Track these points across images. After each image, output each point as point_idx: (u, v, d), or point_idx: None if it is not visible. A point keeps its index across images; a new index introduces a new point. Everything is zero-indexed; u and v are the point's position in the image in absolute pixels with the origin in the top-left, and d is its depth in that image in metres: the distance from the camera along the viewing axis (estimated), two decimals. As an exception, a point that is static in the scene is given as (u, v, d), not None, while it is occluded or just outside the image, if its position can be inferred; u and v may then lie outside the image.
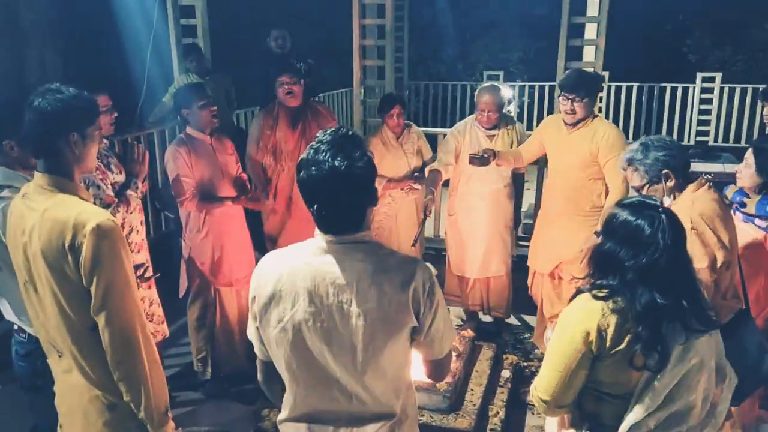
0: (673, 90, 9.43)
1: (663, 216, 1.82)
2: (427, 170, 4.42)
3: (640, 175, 2.51)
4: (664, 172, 2.44)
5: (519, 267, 4.53)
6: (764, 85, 4.33)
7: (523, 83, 10.61)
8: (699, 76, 9.27)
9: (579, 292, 1.92)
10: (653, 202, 1.88)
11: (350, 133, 1.69)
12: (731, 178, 7.63)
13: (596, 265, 1.93)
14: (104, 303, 1.86)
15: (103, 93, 3.25)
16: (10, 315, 2.59)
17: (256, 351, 1.84)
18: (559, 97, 3.74)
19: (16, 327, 2.60)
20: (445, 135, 4.49)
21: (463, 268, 4.49)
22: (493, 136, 4.22)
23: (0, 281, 2.53)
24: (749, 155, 3.10)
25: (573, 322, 1.86)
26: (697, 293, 1.87)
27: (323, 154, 1.60)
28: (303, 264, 1.68)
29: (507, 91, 10.45)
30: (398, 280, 1.64)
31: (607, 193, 3.76)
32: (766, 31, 10.51)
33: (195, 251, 3.90)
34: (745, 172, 3.11)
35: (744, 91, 9.11)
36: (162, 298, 3.59)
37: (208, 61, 5.62)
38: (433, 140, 5.00)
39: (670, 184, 2.46)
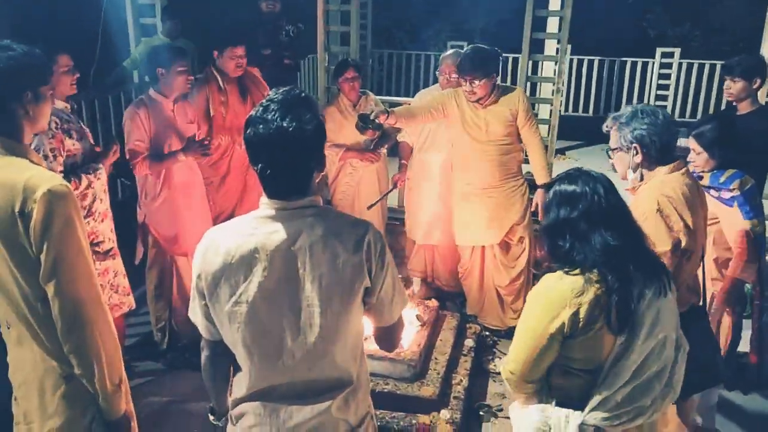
0: (633, 64, 9.53)
1: (593, 175, 1.94)
2: (399, 138, 4.43)
3: (614, 137, 2.51)
4: (633, 145, 2.44)
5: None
6: (722, 61, 4.40)
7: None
8: (658, 51, 9.38)
9: (547, 271, 1.93)
10: (587, 170, 1.98)
11: (302, 94, 1.65)
12: (687, 152, 7.82)
13: (548, 239, 1.97)
14: (54, 272, 1.76)
15: (64, 52, 3.09)
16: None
17: (202, 331, 1.76)
18: (461, 78, 3.75)
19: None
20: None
21: (413, 232, 4.55)
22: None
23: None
24: (693, 143, 3.19)
25: (544, 304, 1.87)
26: (645, 244, 1.96)
27: (272, 113, 1.56)
28: (251, 235, 1.62)
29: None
30: (350, 241, 1.62)
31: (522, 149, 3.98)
32: (725, 7, 10.68)
33: (150, 218, 3.80)
34: (699, 159, 3.20)
35: (701, 67, 9.26)
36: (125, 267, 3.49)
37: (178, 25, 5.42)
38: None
39: (636, 159, 2.46)
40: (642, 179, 2.49)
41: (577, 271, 1.84)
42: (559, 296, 1.83)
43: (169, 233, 3.81)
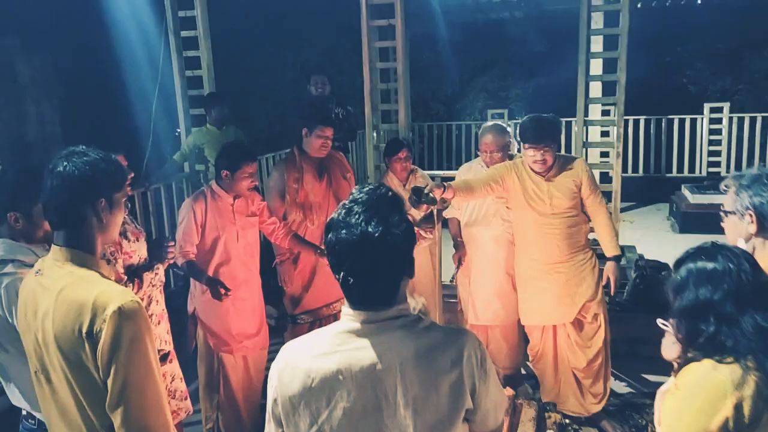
0: (681, 122, 9.32)
1: (732, 249, 1.75)
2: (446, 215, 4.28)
3: (730, 199, 2.28)
4: (749, 211, 2.21)
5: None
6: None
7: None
8: (706, 106, 9.17)
9: (689, 361, 1.70)
10: (723, 244, 1.79)
11: (389, 193, 1.49)
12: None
13: (687, 323, 1.73)
14: (121, 399, 1.60)
15: (119, 152, 3.05)
16: (18, 400, 2.32)
17: None
18: (523, 148, 3.58)
19: (24, 412, 2.34)
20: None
21: (464, 311, 4.31)
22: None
23: (7, 364, 2.28)
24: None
25: (702, 399, 1.62)
26: None
27: (356, 216, 1.41)
28: (333, 353, 1.44)
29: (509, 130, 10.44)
30: (447, 358, 1.44)
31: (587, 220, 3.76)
32: (765, 58, 10.48)
33: (200, 311, 3.67)
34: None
35: (753, 120, 9.01)
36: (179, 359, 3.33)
37: (227, 113, 5.46)
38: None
39: (751, 228, 2.23)
40: (754, 251, 2.25)
41: (731, 359, 1.61)
42: (718, 389, 1.59)
43: (217, 329, 3.66)
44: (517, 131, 3.76)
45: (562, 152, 4.10)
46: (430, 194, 3.42)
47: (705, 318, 1.68)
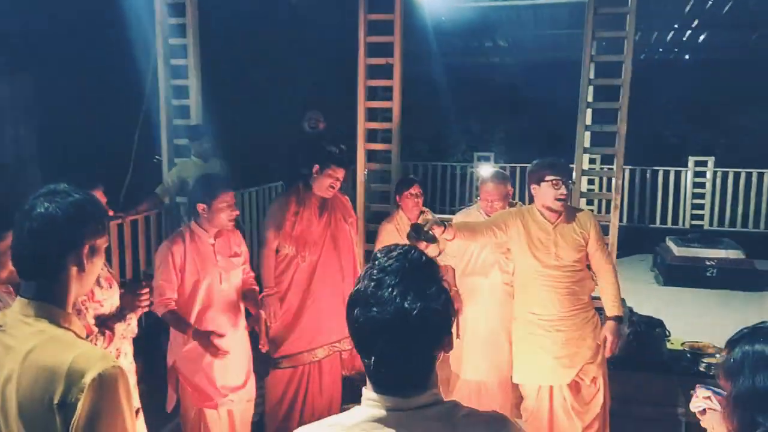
0: (666, 173, 9.35)
1: None
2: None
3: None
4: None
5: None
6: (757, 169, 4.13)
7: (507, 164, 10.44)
8: (691, 159, 9.23)
9: None
10: None
11: (423, 258, 1.29)
12: (734, 264, 7.38)
13: (741, 412, 1.57)
14: None
15: (98, 185, 2.81)
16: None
17: None
18: (543, 182, 3.40)
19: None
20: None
21: (456, 364, 4.09)
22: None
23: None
24: None
25: None
26: None
27: (388, 290, 1.21)
28: None
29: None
30: None
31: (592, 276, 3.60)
32: (747, 115, 10.65)
33: (181, 364, 3.40)
34: None
35: (737, 175, 9.08)
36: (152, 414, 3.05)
37: (211, 146, 5.25)
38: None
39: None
40: None
41: None
42: None
43: (200, 383, 3.39)
44: (522, 174, 3.65)
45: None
46: (430, 232, 3.27)
47: (762, 409, 1.51)
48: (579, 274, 3.52)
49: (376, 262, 1.28)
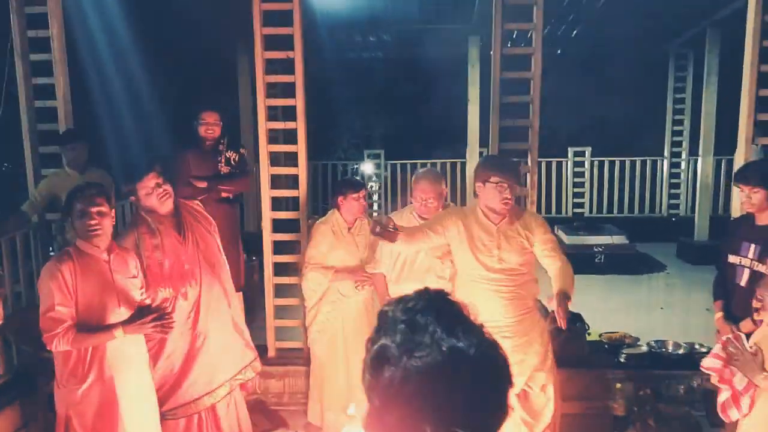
0: (548, 164, 9.64)
1: None
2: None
3: None
4: None
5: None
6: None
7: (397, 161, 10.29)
8: (570, 150, 9.59)
9: None
10: None
11: (447, 295, 1.06)
12: (622, 249, 7.71)
13: None
14: None
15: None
16: None
17: None
18: (489, 182, 3.22)
19: None
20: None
21: None
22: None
23: None
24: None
25: None
26: None
27: (430, 331, 0.94)
28: None
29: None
30: None
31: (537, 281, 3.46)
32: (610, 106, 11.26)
33: (75, 410, 2.86)
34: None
35: (612, 163, 9.57)
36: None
37: (86, 153, 4.54)
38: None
39: None
40: None
41: None
42: None
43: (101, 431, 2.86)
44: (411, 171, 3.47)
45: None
46: (394, 228, 3.14)
47: None
48: (524, 277, 3.35)
49: (391, 314, 1.01)
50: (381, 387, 0.95)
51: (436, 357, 0.92)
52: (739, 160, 4.26)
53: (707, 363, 2.89)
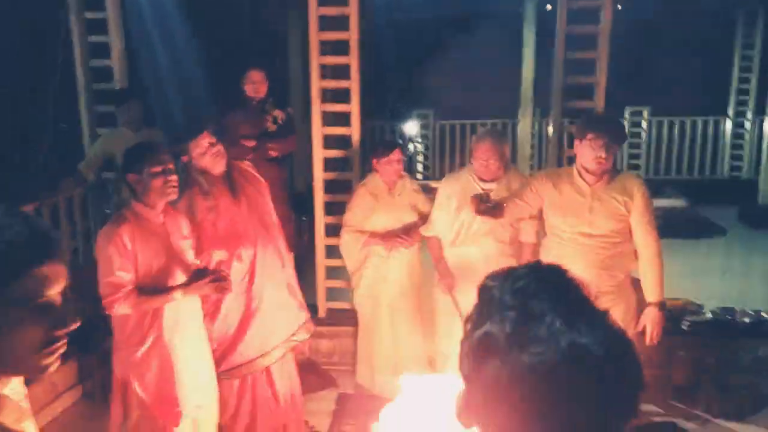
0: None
1: None
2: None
3: None
4: None
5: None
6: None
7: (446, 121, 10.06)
8: (627, 110, 9.22)
9: None
10: None
11: (567, 272, 0.91)
12: (681, 213, 7.43)
13: None
14: None
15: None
16: None
17: None
18: (584, 140, 3.05)
19: None
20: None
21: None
22: (491, 190, 3.58)
23: None
24: None
25: None
26: None
27: (545, 325, 0.80)
28: None
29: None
30: None
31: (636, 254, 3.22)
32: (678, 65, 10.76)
33: (134, 372, 2.86)
34: None
35: (672, 123, 9.19)
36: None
37: (141, 112, 4.54)
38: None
39: None
40: None
41: None
42: None
43: (161, 392, 2.89)
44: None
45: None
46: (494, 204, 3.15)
47: None
48: (616, 247, 3.12)
49: (497, 293, 0.87)
50: (484, 382, 0.84)
51: (554, 355, 0.79)
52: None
53: None
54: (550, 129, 4.53)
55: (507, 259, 3.59)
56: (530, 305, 0.83)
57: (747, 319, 4.23)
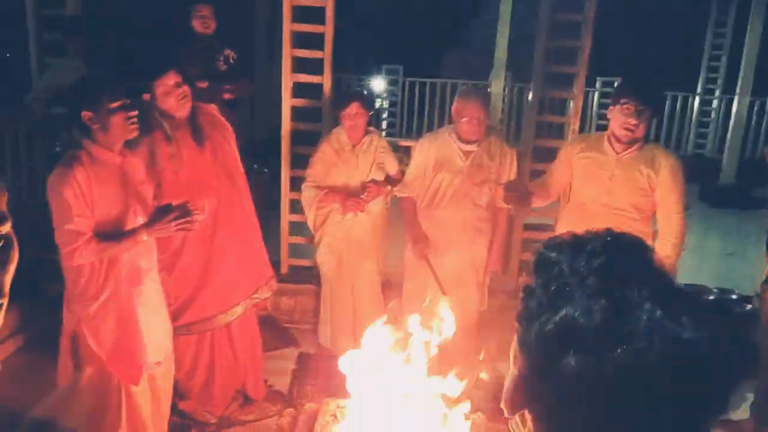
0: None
1: None
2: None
3: None
4: None
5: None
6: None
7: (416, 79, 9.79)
8: (599, 80, 9.14)
9: None
10: None
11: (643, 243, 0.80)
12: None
13: None
14: None
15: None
16: None
17: None
18: (618, 104, 2.91)
19: None
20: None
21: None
22: (471, 152, 3.44)
23: None
24: None
25: None
26: None
27: (643, 317, 0.68)
28: None
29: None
30: None
31: (653, 237, 3.06)
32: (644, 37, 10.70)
33: (88, 326, 2.65)
34: None
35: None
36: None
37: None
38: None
39: None
40: None
41: None
42: None
43: (120, 349, 2.68)
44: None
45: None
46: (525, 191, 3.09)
47: None
48: (633, 224, 2.94)
49: (566, 269, 0.73)
50: (562, 376, 0.70)
51: (655, 352, 0.67)
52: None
53: None
54: (530, 94, 4.37)
55: (483, 223, 3.49)
56: (624, 292, 0.70)
57: (711, 297, 4.23)
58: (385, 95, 9.47)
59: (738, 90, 7.88)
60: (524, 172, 4.16)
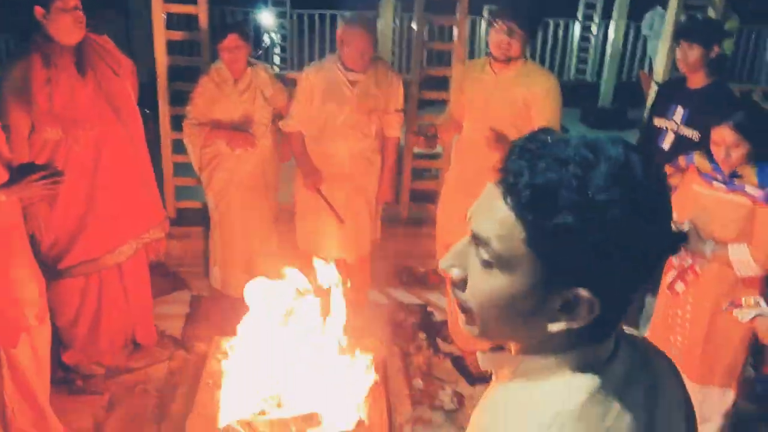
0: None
1: None
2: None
3: None
4: None
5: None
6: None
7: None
8: (486, 9, 9.14)
9: None
10: None
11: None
12: None
13: None
14: None
15: None
16: None
17: None
18: (492, 26, 2.97)
19: None
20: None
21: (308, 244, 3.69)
22: (357, 81, 3.39)
23: None
24: (731, 135, 2.45)
25: None
26: None
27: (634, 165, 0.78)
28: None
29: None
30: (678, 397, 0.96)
31: None
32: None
33: None
34: (735, 153, 2.47)
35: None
36: None
37: None
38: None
39: None
40: None
41: None
42: None
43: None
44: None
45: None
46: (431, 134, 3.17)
47: None
48: (517, 134, 3.02)
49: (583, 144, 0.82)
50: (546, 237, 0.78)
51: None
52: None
53: None
54: (414, 24, 4.32)
55: (372, 154, 3.48)
56: (628, 159, 0.79)
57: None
58: (275, 29, 9.09)
59: (615, 15, 8.18)
60: (413, 100, 4.16)
